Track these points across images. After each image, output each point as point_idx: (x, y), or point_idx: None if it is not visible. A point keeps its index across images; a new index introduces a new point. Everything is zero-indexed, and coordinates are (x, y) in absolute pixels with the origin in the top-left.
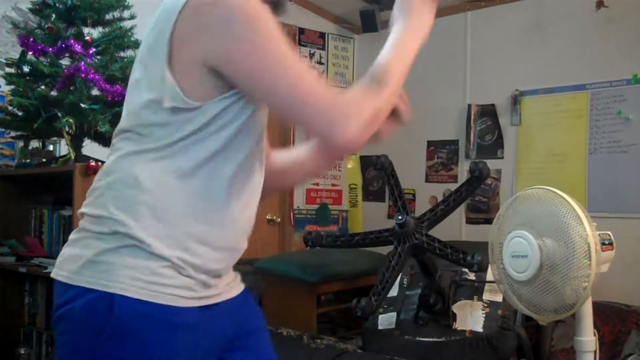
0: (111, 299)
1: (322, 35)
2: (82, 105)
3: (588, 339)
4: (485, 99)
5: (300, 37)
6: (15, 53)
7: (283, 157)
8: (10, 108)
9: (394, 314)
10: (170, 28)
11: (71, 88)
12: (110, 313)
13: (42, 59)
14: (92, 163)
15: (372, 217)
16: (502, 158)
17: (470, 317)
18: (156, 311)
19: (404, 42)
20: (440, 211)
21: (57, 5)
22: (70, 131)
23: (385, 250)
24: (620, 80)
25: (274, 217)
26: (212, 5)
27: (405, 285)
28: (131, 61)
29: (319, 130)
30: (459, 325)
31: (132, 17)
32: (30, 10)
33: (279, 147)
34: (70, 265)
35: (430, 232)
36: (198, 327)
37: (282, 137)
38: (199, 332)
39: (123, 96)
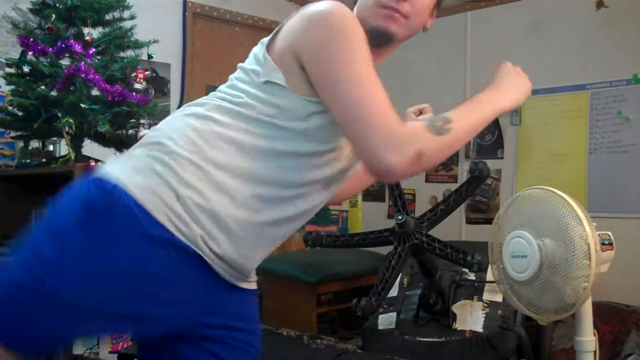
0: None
1: None
2: (82, 105)
3: (588, 339)
4: None
5: None
6: (15, 53)
7: None
8: (10, 108)
9: (394, 314)
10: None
11: (71, 88)
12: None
13: (42, 59)
14: (92, 163)
15: (372, 217)
16: (502, 158)
17: (470, 317)
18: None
19: (482, 102)
20: (440, 211)
21: (57, 5)
22: (70, 131)
23: (385, 250)
24: (620, 80)
25: None
26: (320, 17)
27: (405, 285)
28: (131, 61)
29: (371, 150)
30: (459, 325)
31: (132, 17)
32: (30, 10)
33: None
34: None
35: (430, 232)
36: (178, 260)
37: None
38: (180, 263)
39: (123, 96)
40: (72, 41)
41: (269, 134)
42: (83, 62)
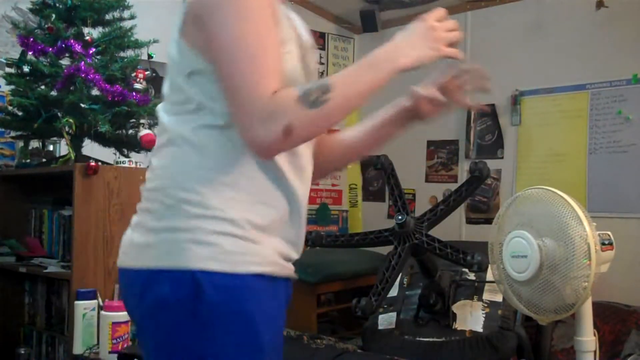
0: (192, 276)
1: (322, 35)
2: (82, 105)
3: (588, 339)
4: (485, 99)
5: None
6: (15, 53)
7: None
8: (10, 108)
9: (394, 314)
10: (183, 8)
11: (71, 88)
12: (197, 292)
13: (42, 59)
14: (92, 163)
15: (372, 217)
16: (502, 158)
17: (470, 317)
18: (239, 281)
19: (373, 63)
20: (440, 211)
21: (57, 5)
22: (70, 131)
23: (385, 250)
24: (620, 80)
25: None
26: None
27: (405, 285)
28: (131, 61)
29: (242, 126)
30: (459, 325)
31: (132, 17)
32: (30, 10)
33: None
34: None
35: (430, 232)
36: (275, 295)
37: None
38: (276, 300)
39: (123, 96)
40: (72, 41)
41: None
42: (83, 62)
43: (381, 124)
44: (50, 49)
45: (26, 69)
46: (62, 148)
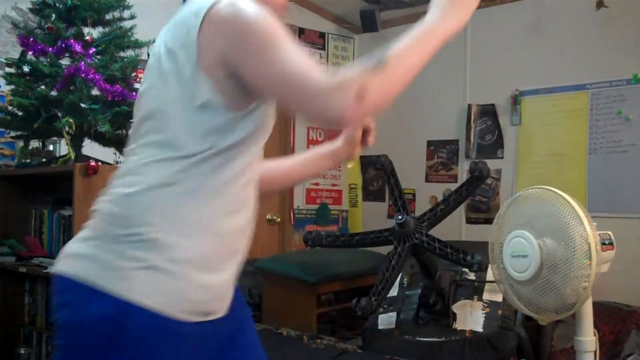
0: (125, 307)
1: (322, 35)
2: (82, 105)
3: (588, 339)
4: (485, 99)
5: (300, 37)
6: (15, 53)
7: (281, 162)
8: (10, 108)
9: (394, 314)
10: (197, 29)
11: (71, 88)
12: (124, 321)
13: (42, 59)
14: (92, 163)
15: (372, 217)
16: (502, 158)
17: (470, 317)
18: (167, 323)
19: (426, 29)
20: (440, 211)
21: (57, 5)
22: (70, 131)
23: (385, 250)
24: (620, 80)
25: (274, 217)
26: (233, 16)
27: (405, 285)
28: (131, 61)
29: (316, 109)
30: (459, 325)
31: (132, 17)
32: (30, 10)
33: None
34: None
35: (430, 232)
36: (202, 337)
37: (282, 147)
38: (200, 341)
39: (123, 96)
40: (72, 41)
41: (202, 170)
42: (83, 62)
43: (317, 158)
44: (50, 49)
45: (26, 69)
46: (62, 148)
